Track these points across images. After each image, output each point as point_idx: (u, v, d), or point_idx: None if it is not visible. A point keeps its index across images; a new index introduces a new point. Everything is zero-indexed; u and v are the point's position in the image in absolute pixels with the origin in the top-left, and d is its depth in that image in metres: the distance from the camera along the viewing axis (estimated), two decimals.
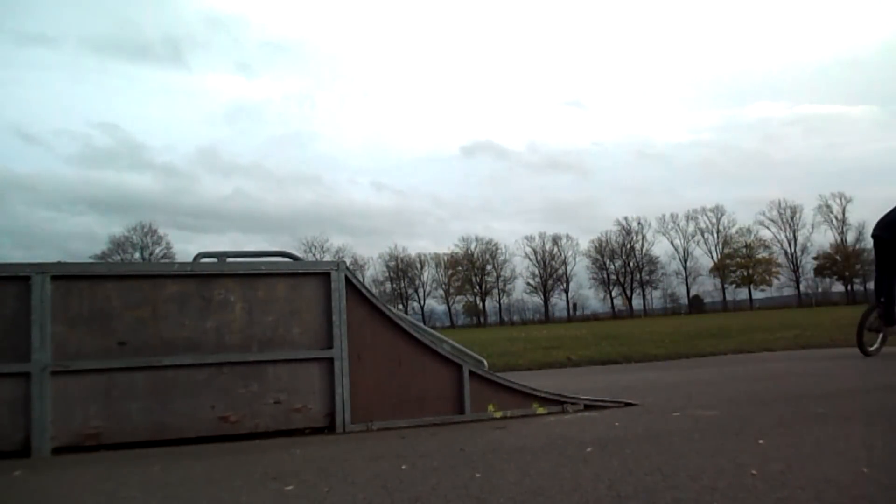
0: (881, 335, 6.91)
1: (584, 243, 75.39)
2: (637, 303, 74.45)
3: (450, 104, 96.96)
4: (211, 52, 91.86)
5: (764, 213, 72.33)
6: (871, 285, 67.37)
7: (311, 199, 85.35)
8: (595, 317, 71.28)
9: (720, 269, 71.99)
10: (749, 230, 72.29)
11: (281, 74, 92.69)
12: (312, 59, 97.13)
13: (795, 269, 71.62)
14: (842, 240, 69.96)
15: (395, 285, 73.72)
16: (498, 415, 3.80)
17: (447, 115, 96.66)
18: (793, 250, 71.35)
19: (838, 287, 71.00)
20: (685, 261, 73.53)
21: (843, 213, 69.96)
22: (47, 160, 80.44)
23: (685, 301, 73.24)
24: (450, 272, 74.15)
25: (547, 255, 75.11)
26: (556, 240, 75.01)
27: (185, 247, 64.56)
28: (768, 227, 72.06)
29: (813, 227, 70.72)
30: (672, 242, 73.95)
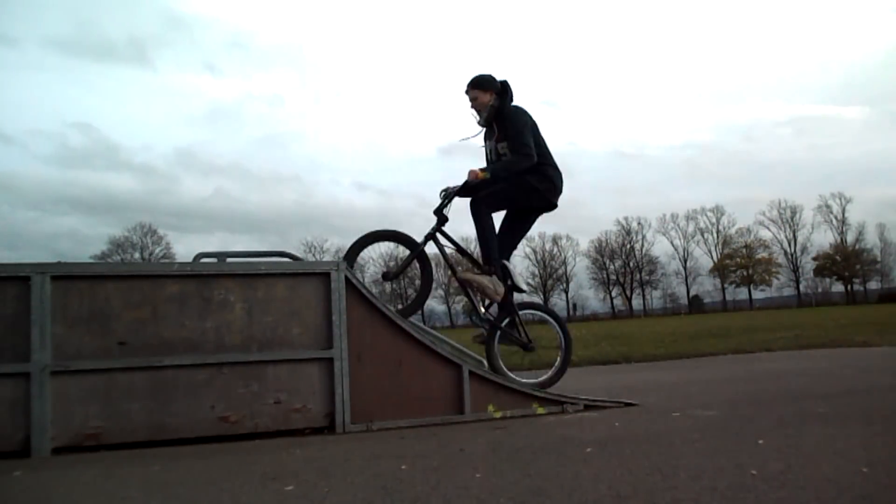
0: None
1: (584, 243, 75.44)
2: (637, 303, 74.50)
3: (425, 105, 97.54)
4: (176, 52, 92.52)
5: (764, 213, 72.38)
6: (871, 285, 67.63)
7: (294, 199, 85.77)
8: (595, 317, 71.26)
9: (720, 269, 71.97)
10: (749, 230, 72.34)
11: (250, 75, 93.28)
12: (283, 60, 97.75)
13: (795, 269, 71.64)
14: (842, 240, 69.98)
15: (394, 285, 73.68)
16: (498, 415, 3.80)
17: (423, 117, 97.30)
18: (792, 250, 71.39)
19: (838, 287, 71.01)
20: (685, 261, 73.53)
21: (843, 214, 70.05)
22: (25, 160, 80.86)
23: (685, 301, 73.23)
24: (449, 272, 74.12)
25: (547, 255, 75.15)
26: (555, 240, 75.01)
27: (175, 247, 64.70)
28: (768, 228, 72.11)
29: (813, 228, 70.80)
30: (672, 242, 73.97)
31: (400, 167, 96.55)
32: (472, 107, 4.34)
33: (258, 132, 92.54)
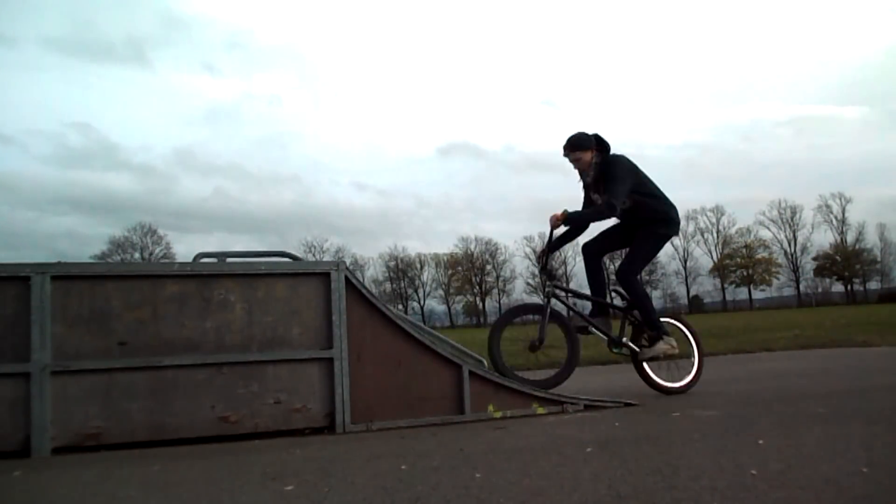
0: None
1: None
2: None
3: (422, 105, 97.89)
4: (174, 53, 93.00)
5: (764, 213, 72.37)
6: (871, 285, 67.70)
7: (293, 199, 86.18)
8: None
9: (720, 269, 71.95)
10: (749, 230, 72.32)
11: (249, 75, 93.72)
12: (282, 60, 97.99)
13: (795, 269, 71.63)
14: (842, 240, 69.98)
15: (395, 285, 73.81)
16: (498, 415, 3.80)
17: (421, 117, 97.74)
18: (793, 250, 71.39)
19: (838, 287, 71.02)
20: (685, 261, 73.51)
21: (843, 213, 70.06)
22: (23, 160, 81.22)
23: (685, 301, 73.18)
24: (450, 272, 74.21)
25: None
26: None
27: (175, 247, 64.80)
28: (768, 227, 72.09)
29: (813, 228, 70.81)
30: (672, 242, 73.92)
31: (399, 167, 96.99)
32: (577, 168, 4.45)
33: (257, 132, 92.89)
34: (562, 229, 4.42)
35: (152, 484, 2.49)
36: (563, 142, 4.40)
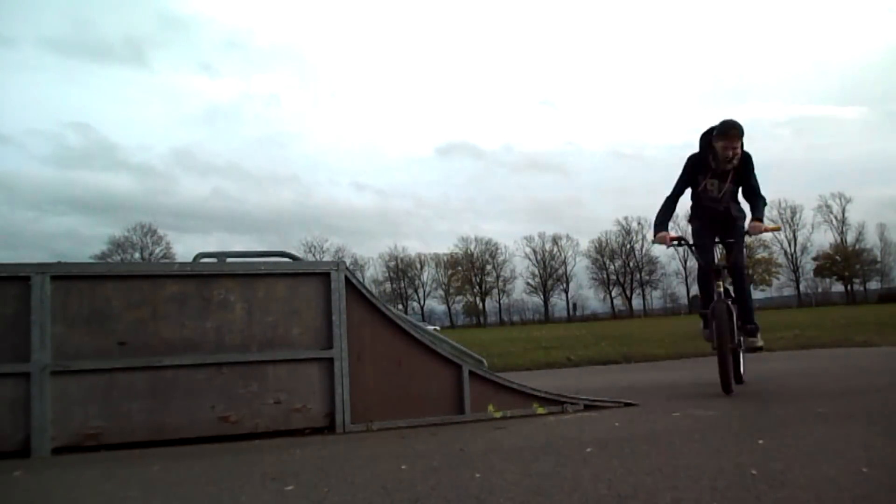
0: None
1: (584, 243, 75.59)
2: (637, 303, 74.58)
3: (421, 106, 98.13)
4: (172, 53, 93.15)
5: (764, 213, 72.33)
6: (871, 285, 67.74)
7: (292, 200, 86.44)
8: (595, 317, 71.37)
9: None
10: None
11: (247, 75, 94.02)
12: (280, 60, 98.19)
13: (795, 269, 71.67)
14: (842, 240, 70.00)
15: (395, 285, 73.90)
16: (498, 415, 3.80)
17: (419, 117, 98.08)
18: (793, 250, 71.42)
19: (838, 287, 71.06)
20: (685, 261, 73.48)
21: (843, 214, 70.09)
22: (23, 160, 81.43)
23: (685, 301, 73.15)
24: (450, 272, 74.30)
25: (547, 255, 75.27)
26: (556, 240, 75.17)
27: (174, 247, 64.88)
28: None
29: (813, 228, 70.84)
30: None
31: (398, 167, 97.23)
32: (729, 154, 4.52)
33: (256, 132, 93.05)
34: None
35: (152, 484, 2.49)
36: (730, 124, 4.44)
